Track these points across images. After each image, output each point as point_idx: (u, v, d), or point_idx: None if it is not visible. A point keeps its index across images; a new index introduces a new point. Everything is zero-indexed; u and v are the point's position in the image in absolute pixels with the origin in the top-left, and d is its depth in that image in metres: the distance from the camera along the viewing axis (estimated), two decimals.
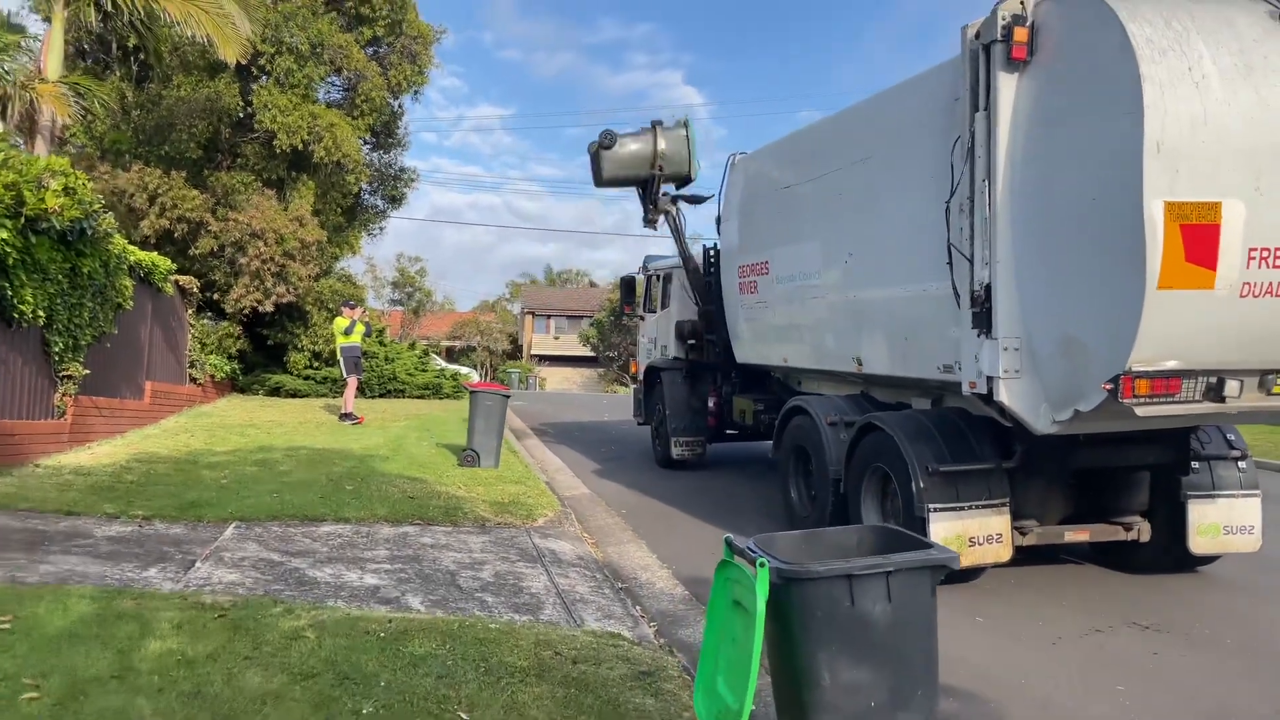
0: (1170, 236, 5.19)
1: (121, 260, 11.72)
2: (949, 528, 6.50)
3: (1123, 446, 6.80)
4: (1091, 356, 5.61)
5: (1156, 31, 5.33)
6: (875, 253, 7.93)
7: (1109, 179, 5.42)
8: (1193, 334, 5.43)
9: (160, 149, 18.29)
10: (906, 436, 6.88)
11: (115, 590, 5.41)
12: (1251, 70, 5.35)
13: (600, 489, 11.27)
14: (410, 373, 22.44)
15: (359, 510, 8.13)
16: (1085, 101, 5.63)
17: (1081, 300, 5.70)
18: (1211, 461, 7.06)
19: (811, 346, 9.34)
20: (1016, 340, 6.07)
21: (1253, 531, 7.07)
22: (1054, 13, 5.88)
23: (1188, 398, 5.57)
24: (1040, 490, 7.02)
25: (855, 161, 8.12)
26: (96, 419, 11.42)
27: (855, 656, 3.48)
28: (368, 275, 51.53)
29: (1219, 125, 5.25)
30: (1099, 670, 5.24)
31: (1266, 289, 5.41)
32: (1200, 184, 5.24)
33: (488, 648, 4.75)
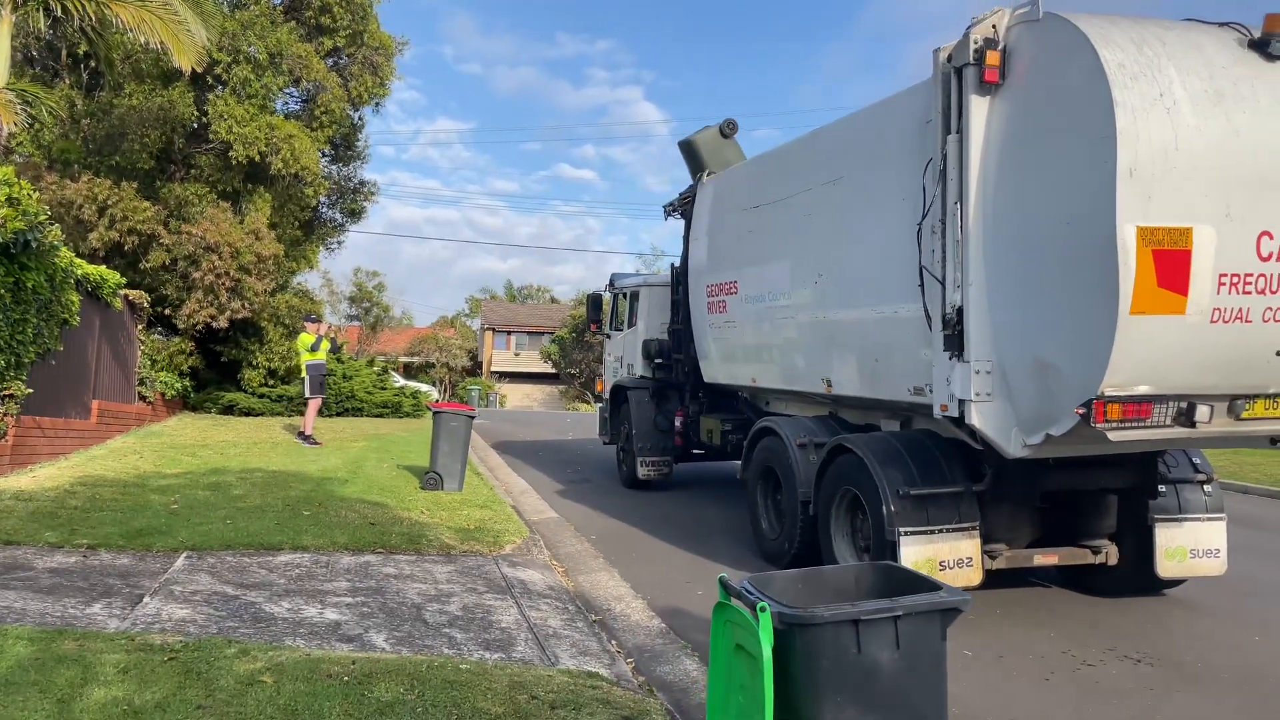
0: (1143, 261, 5.19)
1: (68, 274, 11.25)
2: (919, 551, 6.47)
3: (1091, 470, 6.84)
4: (1064, 380, 5.59)
5: (1128, 57, 5.33)
6: (846, 274, 7.89)
7: (1081, 203, 5.39)
8: (1164, 359, 5.42)
9: (111, 159, 17.72)
10: (877, 459, 6.83)
11: (56, 630, 5.04)
12: (1222, 97, 5.39)
13: (568, 512, 10.98)
14: (369, 390, 21.95)
15: (318, 538, 7.78)
16: (1057, 125, 5.62)
17: (1054, 324, 5.67)
18: (1178, 485, 7.10)
19: (780, 367, 9.26)
20: (988, 363, 6.05)
21: (1218, 555, 7.11)
22: (1026, 37, 5.86)
23: (1159, 422, 5.59)
24: (1010, 513, 7.01)
25: (826, 182, 8.09)
26: (39, 440, 10.91)
27: (862, 707, 3.26)
28: (325, 290, 50.70)
29: (1190, 151, 5.25)
30: (1095, 707, 5.07)
31: (1236, 314, 5.42)
32: (1172, 209, 5.24)
33: (459, 691, 4.45)
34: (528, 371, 58.83)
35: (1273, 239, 5.41)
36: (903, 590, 3.50)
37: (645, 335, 13.10)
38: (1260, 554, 9.34)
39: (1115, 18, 5.68)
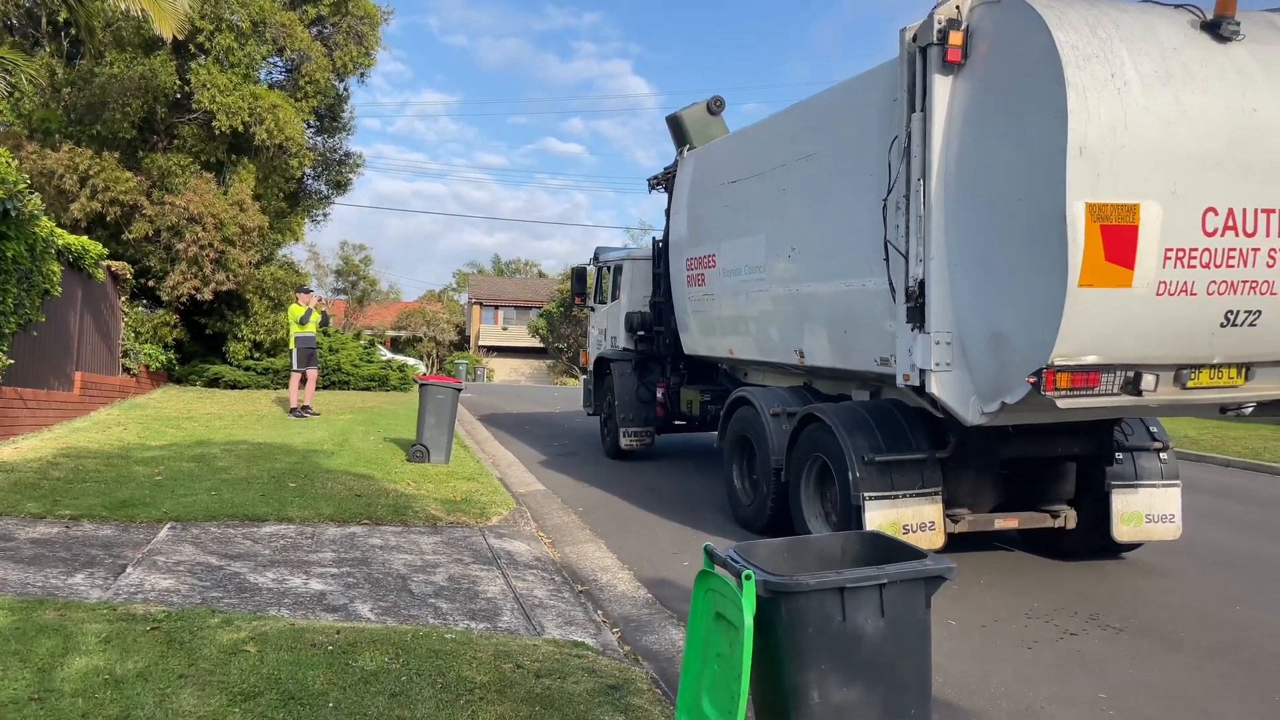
0: (1091, 236, 5.36)
1: (49, 244, 11.11)
2: (884, 515, 6.75)
3: (1049, 438, 7.07)
4: (1017, 351, 5.78)
5: (1082, 38, 5.47)
6: (817, 248, 8.05)
7: (1034, 180, 5.54)
8: (1112, 330, 5.59)
9: (92, 129, 17.46)
10: (844, 427, 7.09)
11: (37, 600, 5.01)
12: (1171, 77, 5.52)
13: (555, 484, 10.97)
14: (355, 364, 21.86)
15: (303, 509, 7.75)
16: (1014, 104, 5.76)
17: (1008, 296, 5.86)
18: (1134, 453, 7.34)
19: (756, 339, 9.43)
20: (948, 335, 6.24)
21: (1173, 520, 7.37)
22: (987, 17, 5.98)
23: (1107, 391, 5.80)
24: (972, 479, 7.28)
25: (799, 158, 8.24)
26: (21, 411, 10.82)
27: (846, 674, 3.25)
28: (311, 263, 50.43)
29: (1139, 130, 5.40)
30: (1078, 676, 5.10)
31: (1182, 288, 5.58)
32: (1120, 186, 5.40)
33: (444, 661, 4.44)
34: (515, 346, 58.70)
35: (1217, 215, 5.57)
36: (888, 559, 3.49)
37: (628, 308, 13.27)
38: (1239, 525, 9.42)
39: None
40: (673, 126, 12.09)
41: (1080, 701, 4.75)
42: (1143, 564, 7.67)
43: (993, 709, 4.64)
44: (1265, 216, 5.68)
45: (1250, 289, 5.75)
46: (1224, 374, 6.09)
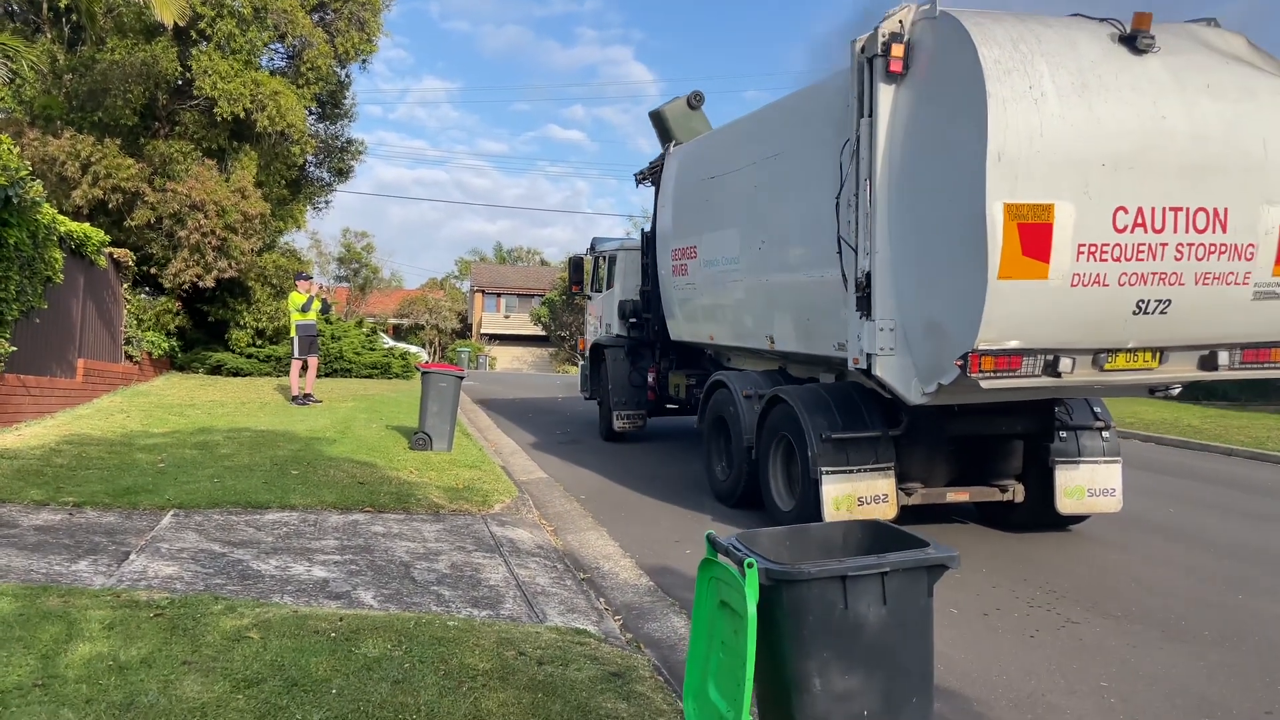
0: (1009, 234, 5.86)
1: (51, 231, 11.10)
2: (840, 488, 7.37)
3: (993, 417, 7.70)
4: (948, 337, 6.29)
5: (1004, 53, 5.97)
6: (783, 241, 8.60)
7: (960, 182, 6.03)
8: (1031, 318, 6.08)
9: (94, 115, 17.43)
10: (805, 407, 7.68)
11: (41, 586, 5.02)
12: (1086, 88, 6.02)
13: (557, 472, 10.98)
14: (358, 351, 21.87)
15: (306, 497, 7.76)
16: (945, 112, 6.29)
17: (940, 287, 6.39)
18: (1078, 431, 7.90)
19: (732, 326, 10.04)
20: (891, 322, 6.77)
21: (1114, 494, 7.95)
22: (927, 32, 6.48)
23: (1028, 373, 6.25)
24: (924, 455, 7.84)
25: (768, 157, 8.80)
26: (24, 398, 10.84)
27: (848, 662, 3.26)
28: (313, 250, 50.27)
29: (1054, 137, 5.89)
30: (1080, 664, 5.11)
31: (1095, 279, 6.08)
32: (1036, 188, 5.89)
33: (447, 648, 4.46)
34: (518, 334, 58.68)
35: (1127, 213, 6.06)
36: (890, 547, 3.50)
37: (621, 296, 13.83)
38: (1241, 514, 9.42)
39: (1003, 16, 6.32)
40: (656, 123, 12.59)
41: (1082, 689, 4.76)
42: (1144, 553, 7.68)
43: (994, 697, 4.65)
44: (1173, 214, 6.15)
45: (1160, 280, 6.23)
46: (1140, 358, 6.55)
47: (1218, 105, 6.23)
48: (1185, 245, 6.20)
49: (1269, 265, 6.42)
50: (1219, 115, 6.21)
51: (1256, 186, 6.28)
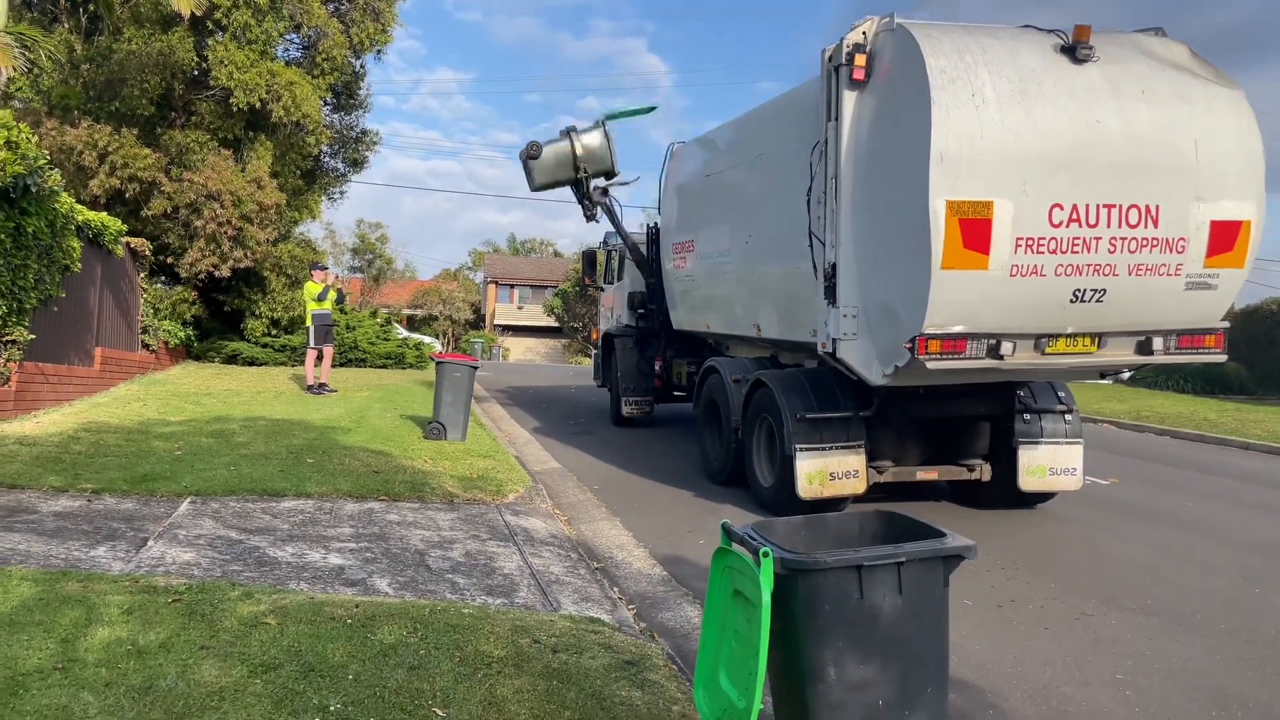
0: (950, 228, 6.40)
1: (69, 220, 11.18)
2: (813, 464, 7.88)
3: (958, 399, 8.24)
4: (901, 322, 6.85)
5: (950, 63, 6.51)
6: (766, 236, 9.09)
7: (909, 181, 6.54)
8: (974, 305, 6.65)
9: (111, 105, 17.50)
10: (782, 390, 8.25)
11: (60, 571, 5.06)
12: (1025, 95, 6.56)
13: (570, 463, 11.00)
14: (372, 341, 21.94)
15: (321, 485, 7.80)
16: (897, 117, 6.81)
17: (894, 277, 6.92)
18: (1041, 414, 8.37)
19: (725, 315, 10.52)
20: (854, 309, 7.29)
21: (1075, 473, 8.40)
22: (887, 43, 6.98)
23: (973, 355, 6.79)
24: (894, 435, 8.37)
25: (753, 157, 9.41)
26: (43, 386, 10.93)
27: (863, 652, 3.25)
28: (327, 241, 50.48)
29: (993, 140, 6.42)
30: (1095, 657, 5.09)
31: (1032, 270, 6.62)
32: (977, 186, 6.43)
33: (462, 635, 4.48)
34: (531, 325, 58.75)
35: (1063, 210, 6.58)
36: (906, 537, 3.48)
37: (630, 288, 14.34)
38: (1257, 508, 9.37)
39: (953, 28, 6.88)
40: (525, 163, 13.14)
41: (1097, 681, 4.74)
42: (1160, 546, 7.65)
43: (1009, 688, 4.64)
44: (1106, 210, 6.65)
45: (1094, 271, 6.75)
46: (1079, 342, 7.07)
47: (1152, 110, 6.72)
48: (1118, 239, 6.70)
49: (1200, 258, 6.90)
50: (1152, 119, 6.70)
51: (1188, 185, 6.76)
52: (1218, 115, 6.86)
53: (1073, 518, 8.63)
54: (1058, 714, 4.38)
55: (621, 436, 13.34)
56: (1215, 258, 6.94)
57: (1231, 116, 6.90)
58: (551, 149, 12.81)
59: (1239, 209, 6.91)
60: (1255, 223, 6.97)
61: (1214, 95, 6.92)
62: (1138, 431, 16.74)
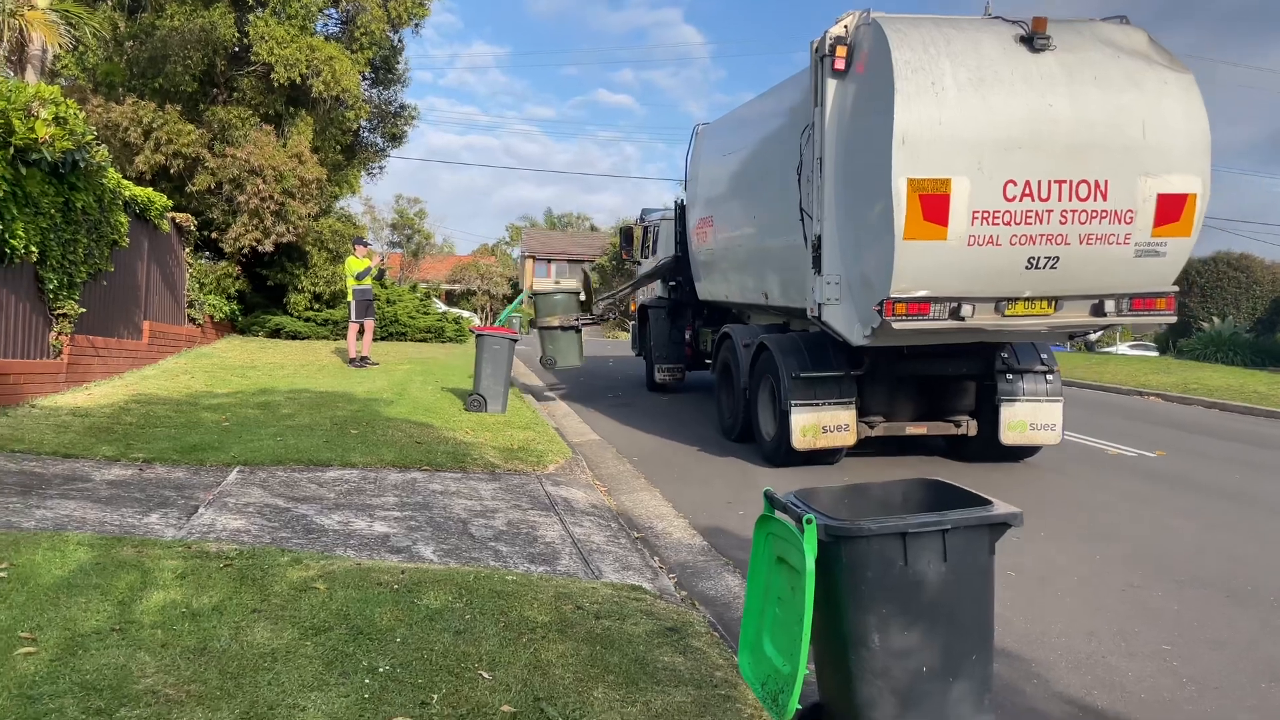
0: (912, 203, 7.13)
1: (116, 195, 11.36)
2: (806, 418, 8.69)
3: (941, 360, 9.00)
4: (873, 288, 7.59)
5: (914, 55, 7.22)
6: (769, 212, 9.72)
7: (877, 161, 7.27)
8: (935, 272, 7.38)
9: (154, 82, 17.72)
10: (780, 351, 9.05)
11: (115, 537, 5.18)
12: (982, 82, 7.25)
13: (609, 435, 11.05)
14: (412, 315, 22.13)
15: (365, 455, 7.91)
16: (869, 103, 7.52)
17: (868, 247, 7.65)
18: (1023, 374, 9.07)
19: (739, 286, 11.31)
20: (836, 276, 8.02)
21: (1054, 429, 9.11)
22: (864, 35, 7.64)
23: (936, 317, 7.52)
24: (884, 393, 9.22)
25: (760, 138, 10.19)
26: (93, 359, 11.16)
27: (907, 619, 3.24)
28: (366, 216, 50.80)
29: (951, 123, 7.14)
30: (1141, 628, 5.04)
31: (988, 240, 7.33)
32: (936, 165, 7.14)
33: (506, 601, 4.53)
34: None
35: (1016, 185, 7.26)
36: (951, 505, 3.46)
37: (663, 261, 15.01)
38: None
39: (921, 21, 7.53)
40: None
41: (1143, 653, 4.70)
42: (1209, 518, 7.54)
43: (1054, 658, 4.62)
44: (1057, 185, 7.32)
45: (1047, 240, 7.42)
46: (1037, 305, 7.73)
47: (1103, 94, 7.33)
48: (1069, 211, 7.34)
49: (1148, 228, 7.50)
50: (1102, 103, 7.32)
51: (1135, 161, 7.37)
52: (1167, 98, 7.44)
53: (1118, 489, 8.53)
54: (1104, 684, 4.35)
55: (660, 408, 13.38)
56: (1163, 228, 7.52)
57: (1180, 99, 7.47)
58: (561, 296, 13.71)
59: (1185, 183, 7.47)
60: (1201, 195, 7.53)
61: (1165, 80, 7.48)
62: (1185, 404, 16.46)
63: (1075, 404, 15.88)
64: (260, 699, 3.35)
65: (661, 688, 3.71)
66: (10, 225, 8.55)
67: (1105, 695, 4.25)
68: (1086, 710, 4.12)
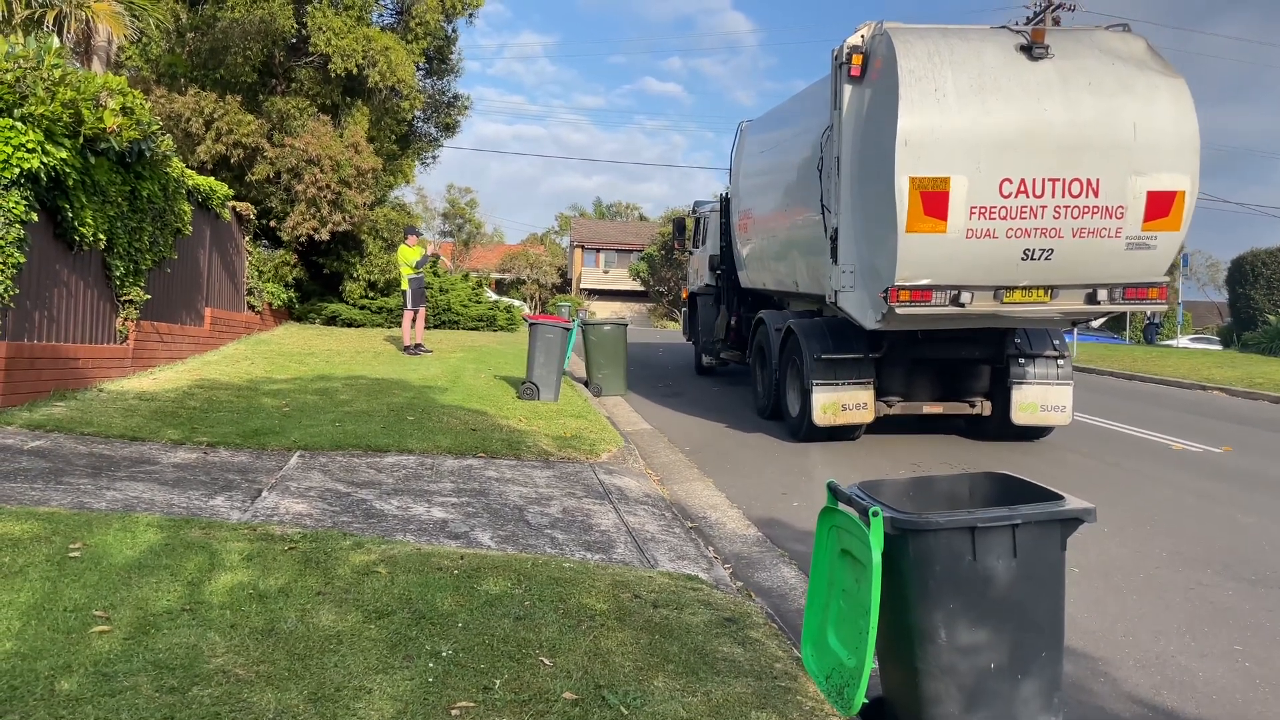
0: (913, 199, 7.77)
1: (180, 184, 11.58)
2: (827, 397, 9.38)
3: (955, 344, 9.59)
4: (881, 276, 8.22)
5: (919, 64, 7.85)
6: (798, 205, 10.33)
7: (883, 160, 7.90)
8: (937, 262, 8.00)
9: (215, 73, 18.04)
10: (805, 335, 9.77)
11: (183, 519, 5.30)
12: (982, 89, 7.89)
13: (661, 424, 11.05)
14: (465, 304, 22.31)
15: (422, 441, 7.99)
16: (878, 108, 8.13)
17: (876, 239, 8.28)
18: (1035, 358, 9.65)
19: (774, 274, 11.91)
20: (851, 266, 8.60)
21: (1064, 410, 9.71)
22: (879, 44, 8.21)
23: (938, 303, 8.13)
24: (902, 374, 9.83)
25: (791, 137, 10.88)
26: (158, 344, 11.41)
27: (975, 615, 3.19)
28: (419, 205, 51.37)
29: (951, 127, 7.78)
30: (1210, 627, 4.92)
31: (985, 233, 7.94)
32: (936, 165, 7.77)
33: (564, 588, 4.55)
34: (616, 289, 58.94)
35: (1012, 183, 7.86)
36: (1019, 499, 3.40)
37: (710, 251, 15.61)
38: None
39: (928, 31, 8.14)
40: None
41: (1213, 653, 4.59)
42: (1277, 515, 7.32)
43: (1120, 657, 4.53)
44: (1050, 184, 7.90)
45: (1041, 234, 7.98)
46: (1034, 293, 8.30)
47: (1095, 99, 7.92)
48: (1062, 207, 7.91)
49: (1138, 222, 8.01)
50: (1095, 107, 7.90)
51: (1125, 161, 7.90)
52: (1157, 102, 7.97)
53: (1184, 484, 8.34)
54: (1173, 684, 4.26)
55: (710, 398, 13.35)
56: (1152, 222, 8.02)
57: (1170, 102, 7.99)
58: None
59: (1174, 180, 7.97)
60: (1190, 192, 8.03)
61: (1156, 85, 8.01)
62: (1251, 399, 16.02)
63: (1137, 398, 15.53)
64: (327, 680, 3.40)
65: (721, 678, 3.70)
66: (79, 213, 8.76)
67: (1174, 696, 4.16)
68: (1156, 711, 4.04)
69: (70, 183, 8.52)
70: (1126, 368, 20.44)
